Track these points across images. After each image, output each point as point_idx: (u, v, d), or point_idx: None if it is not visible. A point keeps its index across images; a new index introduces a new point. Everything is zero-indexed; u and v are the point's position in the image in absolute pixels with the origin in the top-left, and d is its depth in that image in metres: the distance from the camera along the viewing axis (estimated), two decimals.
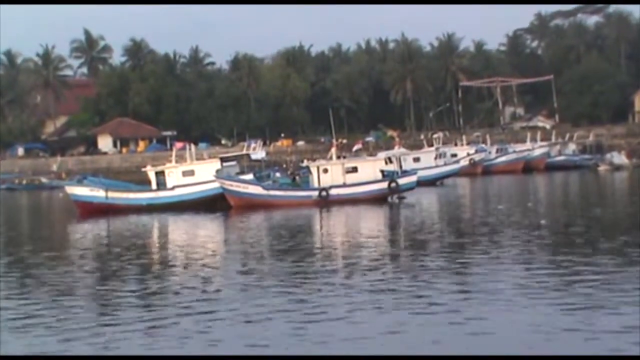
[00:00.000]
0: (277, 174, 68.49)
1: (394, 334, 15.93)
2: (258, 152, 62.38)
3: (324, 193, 52.75)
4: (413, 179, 55.33)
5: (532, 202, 48.32)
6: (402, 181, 54.48)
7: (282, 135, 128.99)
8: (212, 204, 52.34)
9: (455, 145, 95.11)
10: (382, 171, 55.25)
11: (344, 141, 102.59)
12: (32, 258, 30.32)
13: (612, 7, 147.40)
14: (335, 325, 16.81)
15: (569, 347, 14.67)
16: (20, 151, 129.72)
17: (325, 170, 54.41)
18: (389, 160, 58.88)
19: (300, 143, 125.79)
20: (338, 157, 57.54)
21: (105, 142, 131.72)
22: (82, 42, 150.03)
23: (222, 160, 57.30)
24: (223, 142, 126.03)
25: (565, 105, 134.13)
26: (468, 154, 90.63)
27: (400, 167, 58.83)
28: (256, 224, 42.62)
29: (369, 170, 54.81)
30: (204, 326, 17.17)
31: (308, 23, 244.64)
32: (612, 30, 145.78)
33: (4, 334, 17.11)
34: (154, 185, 56.03)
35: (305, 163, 61.65)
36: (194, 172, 55.32)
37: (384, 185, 53.94)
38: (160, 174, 56.01)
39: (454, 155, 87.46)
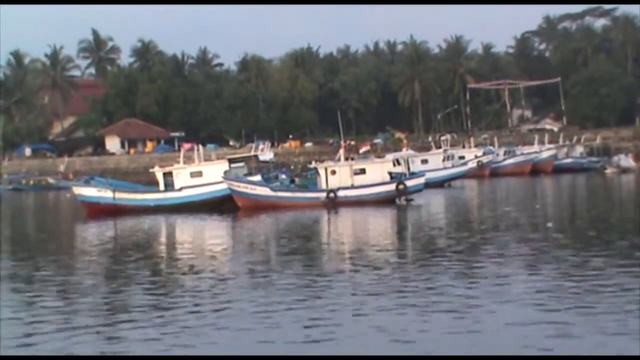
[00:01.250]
0: (283, 176, 68.57)
1: (397, 335, 15.94)
2: (266, 154, 62.57)
3: (331, 194, 52.74)
4: (421, 180, 55.29)
5: (539, 205, 48.31)
6: (409, 183, 54.42)
7: (290, 136, 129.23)
8: (220, 205, 52.47)
9: (463, 147, 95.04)
10: (390, 173, 55.23)
11: (352, 143, 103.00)
12: (39, 258, 30.38)
13: (620, 10, 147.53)
14: (341, 326, 16.82)
15: (571, 347, 14.70)
16: (28, 151, 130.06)
17: (333, 172, 54.38)
18: (396, 162, 59.01)
19: (308, 144, 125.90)
20: (346, 159, 57.58)
21: (112, 143, 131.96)
22: (90, 43, 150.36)
23: (230, 161, 57.41)
24: (231, 143, 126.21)
25: (572, 107, 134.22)
26: (476, 156, 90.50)
27: (408, 169, 58.84)
28: (264, 225, 42.64)
29: (377, 172, 54.76)
30: (211, 326, 17.20)
31: (316, 24, 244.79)
32: (619, 33, 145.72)
33: (6, 334, 17.14)
34: (161, 186, 56.12)
35: (313, 164, 61.71)
36: (201, 173, 55.39)
37: (392, 187, 53.88)
38: (168, 175, 56.08)
39: (462, 157, 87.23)
